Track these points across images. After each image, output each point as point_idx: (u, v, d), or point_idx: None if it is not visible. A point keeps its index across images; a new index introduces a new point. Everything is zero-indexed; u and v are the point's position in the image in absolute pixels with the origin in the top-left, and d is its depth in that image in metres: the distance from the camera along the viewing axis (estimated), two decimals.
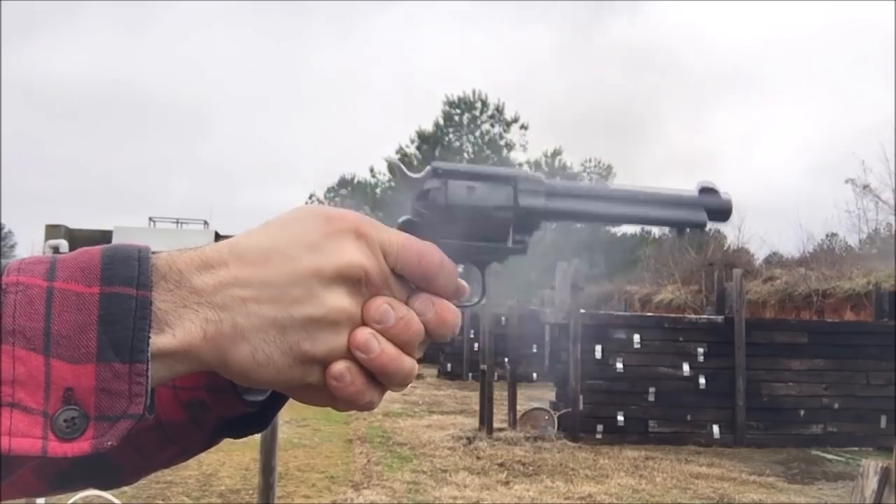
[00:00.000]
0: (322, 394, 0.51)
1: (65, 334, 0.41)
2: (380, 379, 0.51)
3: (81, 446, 0.41)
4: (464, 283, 0.55)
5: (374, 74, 60.36)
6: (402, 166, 0.56)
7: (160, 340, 0.44)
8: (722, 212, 0.62)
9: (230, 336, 0.46)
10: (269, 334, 0.47)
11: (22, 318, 0.41)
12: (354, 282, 0.49)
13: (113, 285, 0.43)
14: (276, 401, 0.60)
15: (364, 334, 0.49)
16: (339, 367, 0.49)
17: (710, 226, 0.63)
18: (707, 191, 0.62)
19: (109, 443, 0.42)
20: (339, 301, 0.49)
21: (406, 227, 0.55)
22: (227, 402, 0.58)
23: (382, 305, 0.50)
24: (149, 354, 0.42)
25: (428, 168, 0.57)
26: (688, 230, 0.63)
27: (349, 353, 0.50)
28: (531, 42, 57.15)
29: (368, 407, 0.52)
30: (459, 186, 0.56)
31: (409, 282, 0.52)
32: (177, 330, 0.44)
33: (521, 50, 57.04)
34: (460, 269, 0.56)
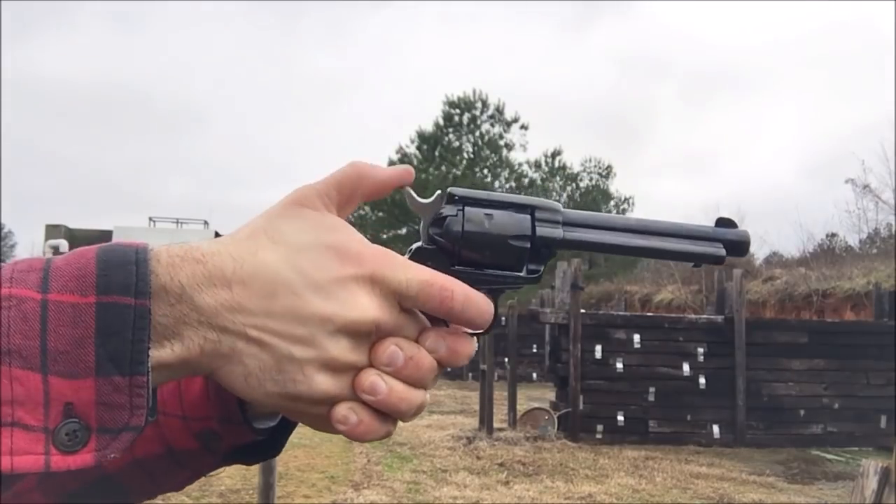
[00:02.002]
0: (328, 422, 0.49)
1: (62, 350, 0.40)
2: (390, 414, 0.49)
3: (84, 458, 0.40)
4: (490, 307, 0.53)
5: (374, 74, 60.35)
6: (413, 193, 0.55)
7: (160, 354, 0.43)
8: (740, 246, 0.61)
9: (227, 356, 0.45)
10: (266, 364, 0.46)
11: (17, 336, 0.39)
12: (363, 334, 0.48)
13: (110, 294, 0.41)
14: (287, 426, 0.60)
15: (369, 377, 0.48)
16: (342, 410, 0.48)
17: (728, 260, 0.61)
18: (725, 223, 0.61)
19: (112, 455, 0.41)
20: (342, 353, 0.47)
21: (419, 255, 0.54)
22: (236, 432, 0.58)
23: (390, 348, 0.48)
24: (149, 366, 0.42)
25: (438, 193, 0.56)
26: (704, 265, 0.62)
27: (354, 394, 0.48)
28: (530, 42, 57.15)
29: (384, 437, 0.50)
30: (477, 214, 0.55)
31: (420, 316, 0.51)
32: (176, 345, 0.43)
33: (521, 50, 57.05)
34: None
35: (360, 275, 0.47)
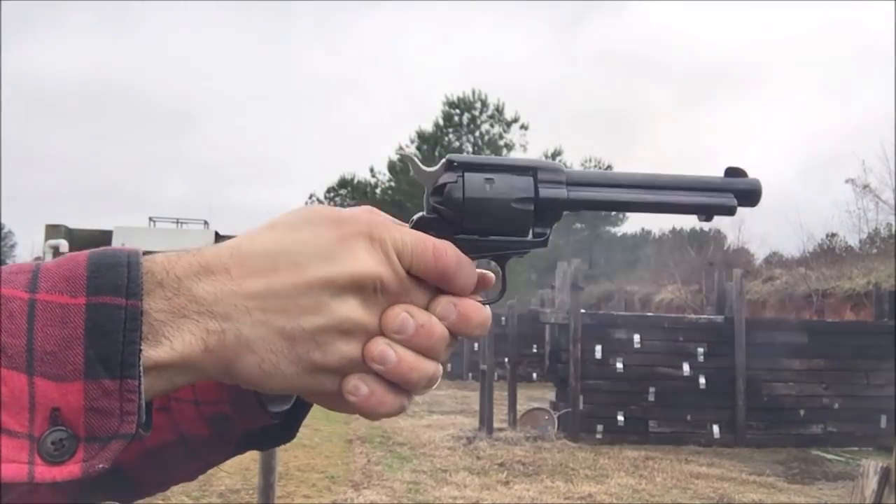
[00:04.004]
0: (344, 400, 0.48)
1: (49, 350, 0.38)
2: (402, 386, 0.48)
3: (71, 470, 0.38)
4: (489, 273, 0.53)
5: (371, 74, 60.34)
6: (416, 160, 0.54)
7: (156, 353, 0.41)
8: (751, 195, 0.58)
9: (234, 347, 0.44)
10: (276, 345, 0.44)
11: (2, 334, 0.38)
12: (369, 291, 0.47)
13: (100, 295, 0.40)
14: (301, 410, 0.58)
15: (378, 345, 0.47)
16: (353, 381, 0.47)
17: (740, 210, 0.59)
18: (734, 173, 0.59)
19: (101, 465, 0.39)
20: (352, 311, 0.46)
21: (421, 224, 0.52)
22: (250, 415, 0.56)
23: (400, 314, 0.47)
24: (140, 369, 0.40)
25: (443, 161, 0.54)
26: (716, 216, 0.59)
27: (365, 364, 0.47)
28: (523, 43, 57.13)
29: (397, 412, 0.49)
30: (477, 179, 0.53)
31: (428, 284, 0.50)
32: (175, 341, 0.42)
33: (514, 51, 57.03)
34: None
35: (356, 231, 0.47)
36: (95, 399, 0.39)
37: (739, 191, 0.58)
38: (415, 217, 0.53)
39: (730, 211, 0.58)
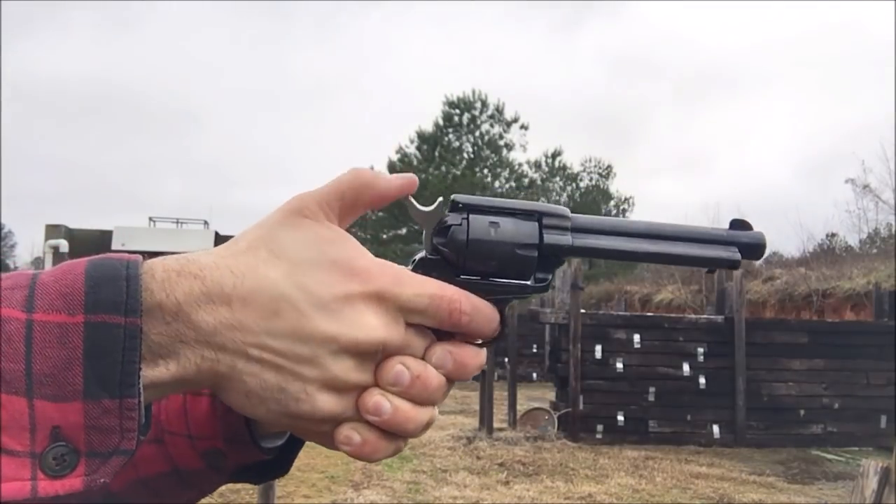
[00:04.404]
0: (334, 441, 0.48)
1: (48, 373, 0.38)
2: (396, 434, 0.48)
3: (73, 483, 0.38)
4: (496, 315, 0.52)
5: (374, 74, 60.36)
6: (415, 202, 0.52)
7: (153, 373, 0.41)
8: (755, 248, 0.58)
9: (225, 376, 0.44)
10: (267, 383, 0.44)
11: (1, 358, 0.38)
12: (369, 355, 0.46)
13: (98, 313, 0.39)
14: (295, 444, 0.58)
15: (373, 397, 0.46)
16: (345, 431, 0.47)
17: (744, 264, 0.58)
18: (739, 226, 0.58)
19: (102, 479, 0.39)
20: (347, 373, 0.46)
21: (423, 265, 0.52)
22: (243, 451, 0.56)
23: (396, 367, 0.47)
24: (140, 388, 0.40)
25: (440, 200, 0.53)
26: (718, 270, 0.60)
27: (357, 414, 0.47)
28: (522, 44, 57.16)
29: (392, 455, 0.49)
30: (482, 222, 0.52)
31: (426, 332, 0.49)
32: (171, 364, 0.42)
33: (513, 51, 57.05)
34: None
35: (367, 292, 0.46)
36: (95, 418, 0.39)
37: (743, 244, 0.58)
38: (416, 257, 0.53)
39: (733, 265, 0.57)
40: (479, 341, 0.52)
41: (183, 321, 0.42)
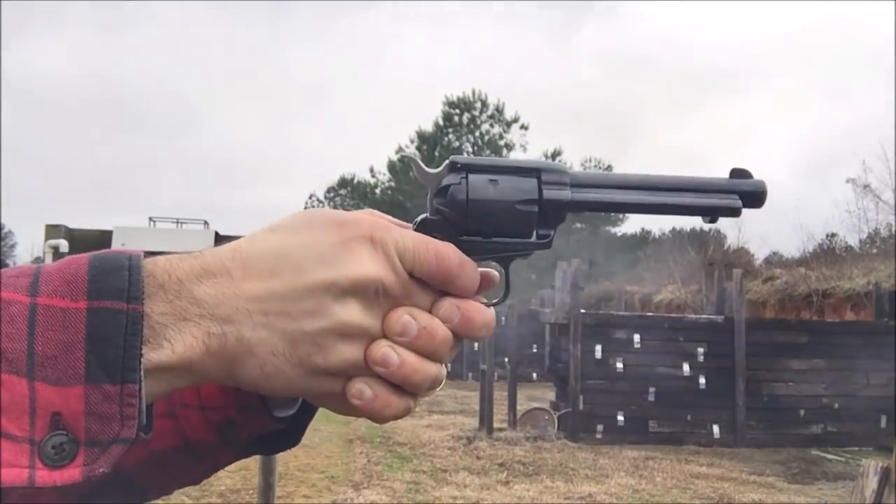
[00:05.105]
0: (349, 403, 0.48)
1: (50, 355, 0.38)
2: (406, 388, 0.48)
3: (71, 474, 0.38)
4: (493, 272, 0.53)
5: (374, 74, 60.37)
6: (419, 161, 0.53)
7: (157, 356, 0.41)
8: (756, 196, 0.58)
9: (235, 350, 0.44)
10: (277, 347, 0.45)
11: (3, 338, 0.38)
12: (370, 294, 0.47)
13: (101, 299, 0.40)
14: (305, 415, 0.59)
15: (381, 348, 0.47)
16: (357, 384, 0.47)
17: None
18: (739, 174, 0.58)
19: (101, 469, 0.39)
20: (353, 315, 0.46)
21: (424, 226, 0.52)
22: (256, 420, 0.57)
23: (403, 317, 0.48)
24: (141, 374, 0.40)
25: (446, 162, 0.53)
26: (721, 218, 0.59)
27: (368, 367, 0.47)
28: (520, 44, 57.20)
29: (403, 414, 0.49)
30: (481, 181, 0.53)
31: (431, 286, 0.50)
32: (176, 344, 0.42)
33: (511, 52, 57.09)
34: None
35: (359, 234, 0.47)
36: (96, 403, 0.39)
37: (744, 192, 0.58)
38: (418, 219, 0.53)
39: (734, 212, 0.57)
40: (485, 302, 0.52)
41: (185, 298, 0.42)
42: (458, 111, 34.01)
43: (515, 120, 34.66)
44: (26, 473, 0.37)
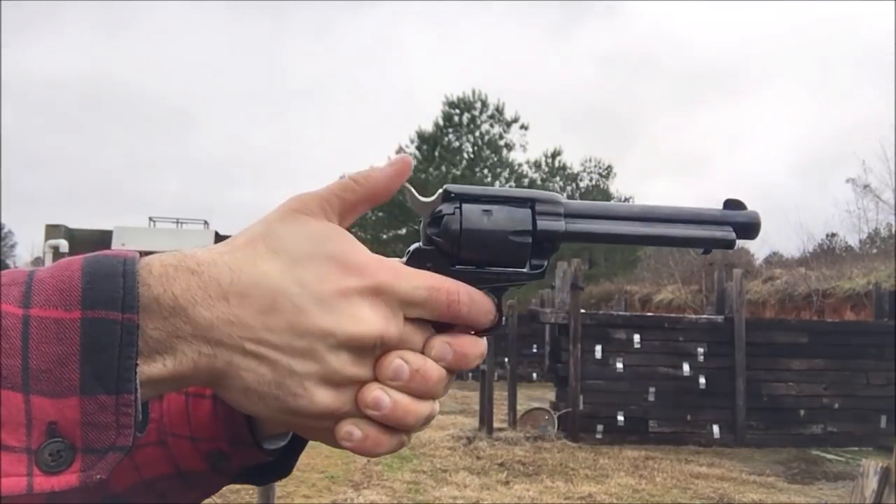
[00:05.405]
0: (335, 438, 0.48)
1: (45, 368, 0.38)
2: (398, 428, 0.48)
3: (68, 479, 0.38)
4: (493, 307, 0.52)
5: (374, 74, 60.36)
6: (413, 190, 0.53)
7: (150, 369, 0.41)
8: (750, 227, 0.58)
9: (222, 372, 0.44)
10: (265, 377, 0.44)
11: None
12: (366, 348, 0.46)
13: (96, 309, 0.39)
14: (297, 445, 0.59)
15: (372, 391, 0.46)
16: (346, 426, 0.47)
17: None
18: (733, 205, 0.58)
19: (98, 476, 0.39)
20: (344, 366, 0.45)
21: (417, 256, 0.52)
22: (247, 453, 0.57)
23: (395, 362, 0.47)
24: (137, 384, 0.40)
25: (440, 191, 0.53)
26: (714, 250, 0.58)
27: (357, 410, 0.47)
28: (519, 44, 57.19)
29: (396, 450, 0.49)
30: (475, 211, 0.52)
31: (425, 325, 0.49)
32: (168, 360, 0.42)
33: (510, 52, 57.07)
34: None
35: (364, 286, 0.46)
36: (92, 414, 0.39)
37: (738, 224, 0.58)
38: (411, 248, 0.53)
39: (728, 244, 0.57)
40: (477, 332, 0.52)
41: (180, 316, 0.42)
42: (458, 111, 33.97)
43: (515, 120, 34.62)
44: (24, 481, 0.37)
